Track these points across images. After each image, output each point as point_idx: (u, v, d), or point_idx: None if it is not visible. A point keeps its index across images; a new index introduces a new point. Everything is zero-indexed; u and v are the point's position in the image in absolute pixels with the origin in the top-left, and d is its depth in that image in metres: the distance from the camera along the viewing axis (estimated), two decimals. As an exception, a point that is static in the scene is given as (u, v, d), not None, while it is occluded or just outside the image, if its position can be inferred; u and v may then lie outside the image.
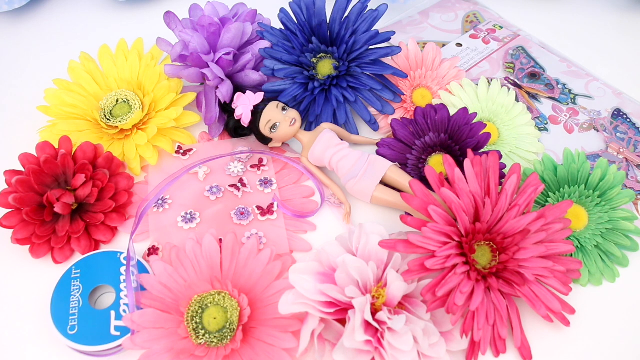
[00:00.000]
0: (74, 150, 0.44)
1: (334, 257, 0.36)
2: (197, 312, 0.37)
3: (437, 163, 0.45)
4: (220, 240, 0.42)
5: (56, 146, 0.44)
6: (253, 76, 0.48)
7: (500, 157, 0.41)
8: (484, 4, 0.64)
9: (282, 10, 0.49)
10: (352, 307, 0.34)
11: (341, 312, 0.35)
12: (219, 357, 0.35)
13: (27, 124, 0.51)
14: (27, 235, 0.41)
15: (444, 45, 0.58)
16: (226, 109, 0.48)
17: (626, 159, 0.49)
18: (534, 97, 0.54)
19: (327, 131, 0.46)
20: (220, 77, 0.46)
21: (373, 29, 0.48)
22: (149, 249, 0.42)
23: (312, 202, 0.46)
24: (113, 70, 0.52)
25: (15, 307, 0.40)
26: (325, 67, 0.49)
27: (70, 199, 0.41)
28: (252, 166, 0.48)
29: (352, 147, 0.47)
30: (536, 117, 0.52)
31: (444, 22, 0.62)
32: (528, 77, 0.56)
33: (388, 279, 0.35)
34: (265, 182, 0.46)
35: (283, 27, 0.49)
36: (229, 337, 0.36)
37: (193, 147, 0.49)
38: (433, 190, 0.39)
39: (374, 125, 0.50)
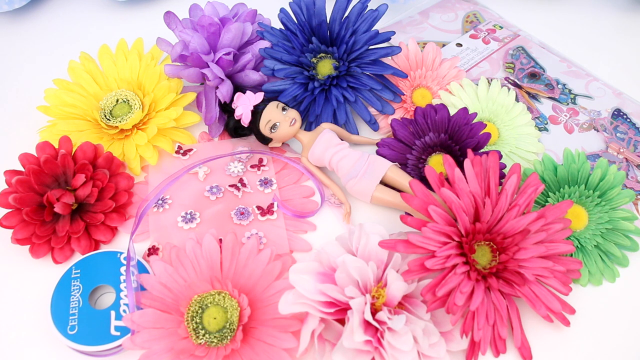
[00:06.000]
0: (74, 150, 0.44)
1: (334, 257, 0.36)
2: (197, 312, 0.37)
3: (437, 163, 0.45)
4: (220, 240, 0.41)
5: (56, 146, 0.44)
6: (253, 76, 0.48)
7: (500, 157, 0.41)
8: (484, 4, 0.64)
9: (282, 10, 0.49)
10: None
11: (341, 312, 0.35)
12: (219, 357, 0.35)
13: (27, 124, 0.51)
14: (27, 235, 0.41)
15: (444, 45, 0.58)
16: (226, 109, 0.48)
17: (626, 159, 0.49)
18: (534, 97, 0.54)
19: (327, 131, 0.46)
20: (220, 77, 0.46)
21: (373, 29, 0.48)
22: (149, 249, 0.42)
23: (312, 202, 0.46)
24: (113, 70, 0.52)
25: (15, 307, 0.40)
26: (325, 67, 0.49)
27: (70, 199, 0.41)
28: (252, 166, 0.48)
29: (352, 147, 0.47)
30: (536, 117, 0.52)
31: (444, 22, 0.62)
32: (528, 77, 0.56)
33: (388, 279, 0.35)
34: (265, 182, 0.46)
35: (283, 27, 0.49)
36: (229, 337, 0.36)
37: (193, 147, 0.49)
38: (433, 190, 0.39)
39: (374, 125, 0.50)
